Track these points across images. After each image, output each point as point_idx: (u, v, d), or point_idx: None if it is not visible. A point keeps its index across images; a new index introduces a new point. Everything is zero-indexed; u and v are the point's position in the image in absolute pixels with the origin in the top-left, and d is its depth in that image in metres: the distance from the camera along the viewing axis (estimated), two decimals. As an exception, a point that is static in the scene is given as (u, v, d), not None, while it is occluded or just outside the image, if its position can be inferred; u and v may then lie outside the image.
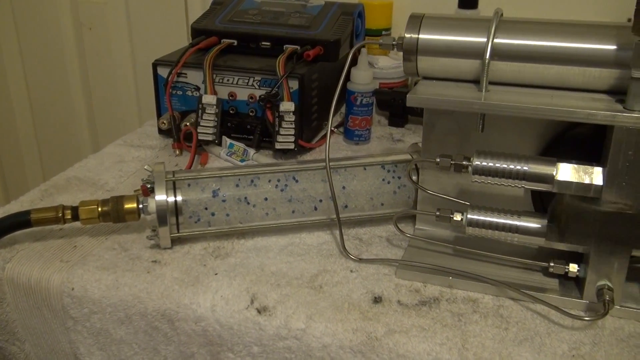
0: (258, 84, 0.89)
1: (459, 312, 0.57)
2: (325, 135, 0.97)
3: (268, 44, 0.95)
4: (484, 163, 0.58)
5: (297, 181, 0.68)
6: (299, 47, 0.92)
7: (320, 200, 0.68)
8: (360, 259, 0.65)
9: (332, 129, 0.98)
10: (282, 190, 0.68)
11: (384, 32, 1.15)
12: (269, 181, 0.68)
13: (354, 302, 0.58)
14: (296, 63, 0.90)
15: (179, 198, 0.65)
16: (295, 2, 1.04)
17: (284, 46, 0.93)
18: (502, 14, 0.60)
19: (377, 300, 0.59)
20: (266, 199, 0.67)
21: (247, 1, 1.04)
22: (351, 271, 0.63)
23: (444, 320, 0.56)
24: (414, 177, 0.69)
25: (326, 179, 0.66)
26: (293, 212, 0.68)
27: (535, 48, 0.58)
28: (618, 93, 0.57)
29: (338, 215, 0.66)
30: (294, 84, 0.87)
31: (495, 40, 0.58)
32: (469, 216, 0.59)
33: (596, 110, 0.53)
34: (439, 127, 0.66)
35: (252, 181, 0.68)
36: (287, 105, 0.86)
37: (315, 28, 0.96)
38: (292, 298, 0.59)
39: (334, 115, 1.02)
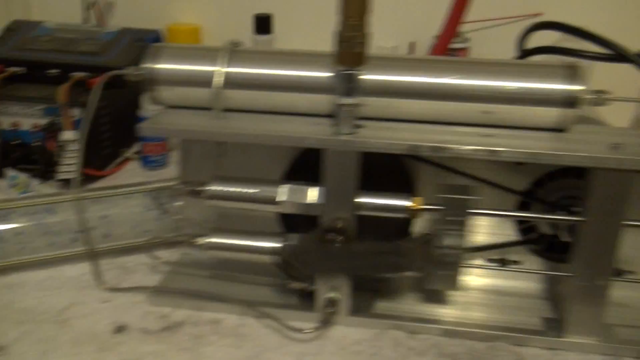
0: (42, 113, 0.87)
1: (199, 335, 0.59)
2: (121, 162, 0.97)
3: (56, 71, 0.93)
4: (217, 188, 0.60)
5: (53, 213, 0.67)
6: (87, 75, 0.91)
7: (81, 231, 0.68)
8: (114, 288, 0.65)
9: (130, 155, 0.98)
10: (37, 223, 0.67)
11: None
12: (23, 215, 0.67)
13: (96, 333, 0.58)
14: (82, 91, 0.88)
15: None
16: (91, 29, 1.03)
17: (72, 74, 0.92)
18: (237, 44, 0.63)
19: (120, 329, 0.59)
20: (20, 233, 0.66)
21: (41, 28, 1.02)
22: (104, 302, 0.63)
23: (182, 344, 0.57)
24: (179, 203, 0.70)
25: (85, 209, 0.66)
26: (51, 245, 0.67)
27: (262, 76, 0.60)
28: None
29: (91, 246, 0.65)
30: (79, 113, 0.86)
31: (228, 70, 0.60)
32: (208, 240, 0.61)
33: (310, 134, 0.56)
34: (195, 153, 0.67)
35: (5, 216, 0.66)
36: (67, 135, 0.85)
37: (105, 55, 0.95)
38: (32, 335, 0.58)
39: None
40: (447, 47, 0.76)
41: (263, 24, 1.04)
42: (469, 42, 1.06)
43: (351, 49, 0.54)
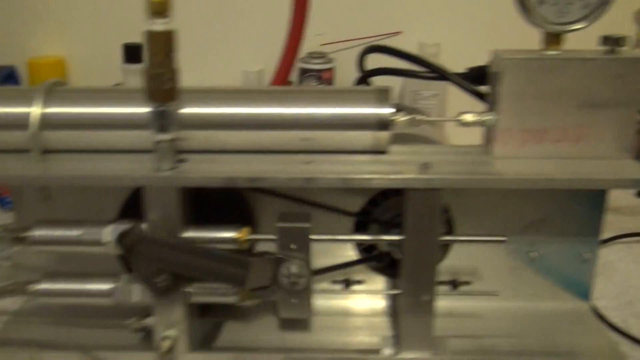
0: None
1: (28, 388, 0.56)
2: (-23, 206, 0.93)
3: None
4: (41, 233, 0.58)
5: None
6: None
7: None
8: (-56, 345, 0.62)
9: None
10: None
11: (58, 90, 1.13)
12: None
13: None
14: None
15: None
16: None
17: None
18: (59, 83, 0.61)
19: (-58, 391, 0.56)
20: None
21: None
22: None
23: (8, 400, 0.55)
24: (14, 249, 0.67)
25: None
26: None
27: (81, 115, 0.59)
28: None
29: None
30: None
31: (45, 110, 0.58)
32: (39, 287, 0.59)
33: (128, 173, 0.55)
34: (26, 198, 0.65)
35: None
36: None
37: (-49, 95, 0.91)
38: None
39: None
40: (288, 73, 0.76)
41: (133, 53, 1.02)
42: (334, 63, 1.07)
43: (160, 85, 0.53)
